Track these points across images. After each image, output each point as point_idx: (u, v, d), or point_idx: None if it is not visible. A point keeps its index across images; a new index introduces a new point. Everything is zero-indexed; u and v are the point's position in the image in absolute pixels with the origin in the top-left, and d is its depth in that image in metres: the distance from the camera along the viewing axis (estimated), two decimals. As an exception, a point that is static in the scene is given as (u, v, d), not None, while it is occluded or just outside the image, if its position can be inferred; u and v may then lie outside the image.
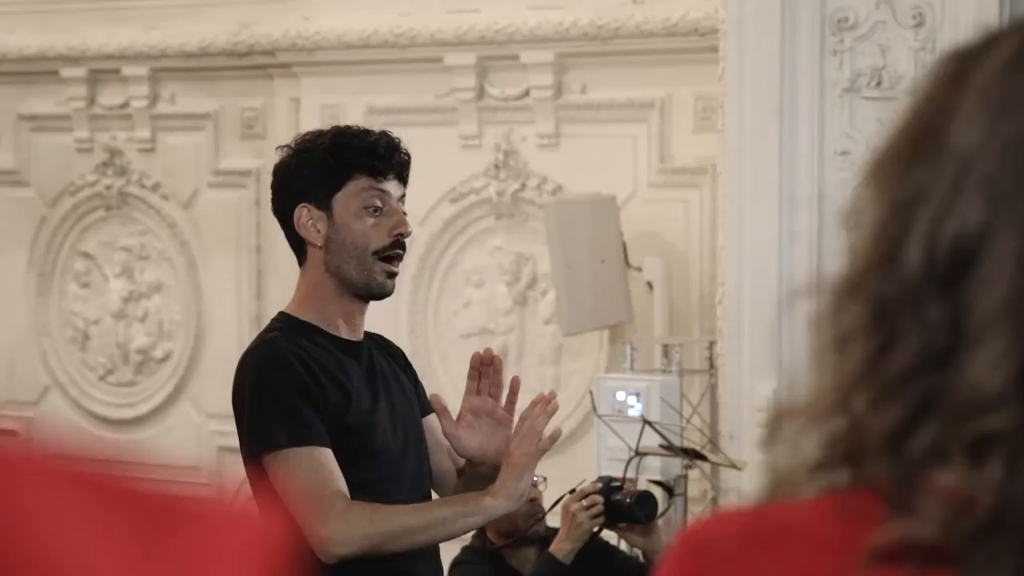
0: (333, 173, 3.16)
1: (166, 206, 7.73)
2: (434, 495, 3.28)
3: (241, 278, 7.55)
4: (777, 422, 0.99)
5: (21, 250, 8.02)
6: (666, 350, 6.29)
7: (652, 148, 6.68)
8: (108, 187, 7.82)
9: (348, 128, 3.26)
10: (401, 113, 7.05)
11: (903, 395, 0.94)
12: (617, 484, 4.53)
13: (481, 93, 6.95)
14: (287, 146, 3.24)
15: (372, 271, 3.16)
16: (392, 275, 3.18)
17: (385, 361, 3.26)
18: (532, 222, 6.84)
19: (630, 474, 5.13)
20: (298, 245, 3.23)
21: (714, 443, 5.77)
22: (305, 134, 3.27)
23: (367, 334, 3.25)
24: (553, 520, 4.63)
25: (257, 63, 7.37)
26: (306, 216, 3.17)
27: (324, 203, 3.17)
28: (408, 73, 7.03)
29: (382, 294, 3.19)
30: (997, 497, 0.91)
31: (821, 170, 5.44)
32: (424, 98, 7.03)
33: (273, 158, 3.32)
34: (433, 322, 7.10)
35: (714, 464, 5.68)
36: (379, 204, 3.17)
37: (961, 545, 0.92)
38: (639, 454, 5.27)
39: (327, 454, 3.06)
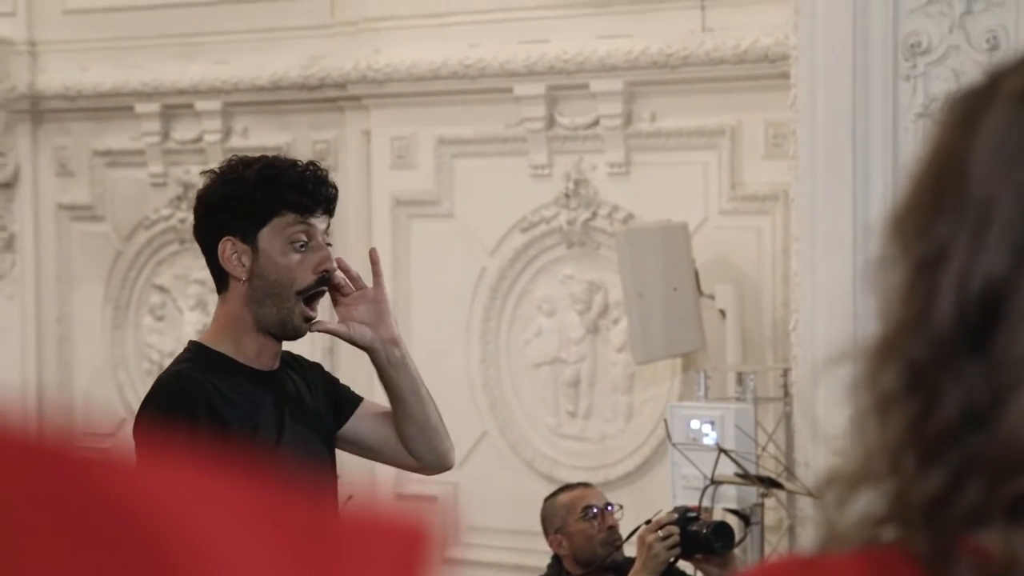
0: (260, 208, 3.11)
1: (239, 239, 7.79)
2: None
3: (314, 309, 7.59)
4: (828, 486, 0.98)
5: (97, 284, 8.10)
6: (740, 378, 6.26)
7: (723, 175, 6.66)
8: (182, 221, 7.88)
9: (275, 160, 3.20)
10: (471, 143, 7.08)
11: (943, 460, 0.93)
12: (693, 514, 4.51)
13: (551, 123, 6.96)
14: (212, 171, 3.18)
15: (292, 312, 3.11)
16: (309, 319, 3.13)
17: (297, 387, 3.20)
18: (603, 250, 6.84)
19: (706, 503, 5.11)
20: (219, 273, 3.18)
21: (790, 471, 5.73)
22: (231, 160, 3.21)
23: (283, 356, 3.19)
24: (629, 550, 4.61)
25: (328, 96, 7.42)
26: (231, 250, 3.13)
27: (249, 237, 3.12)
28: (478, 104, 7.06)
29: (295, 336, 3.15)
30: None
31: (895, 197, 5.40)
32: (494, 128, 7.05)
33: (342, 189, 3.32)
34: (505, 351, 7.11)
35: (790, 492, 5.64)
36: (305, 240, 3.12)
37: None
38: (715, 483, 5.25)
39: None
